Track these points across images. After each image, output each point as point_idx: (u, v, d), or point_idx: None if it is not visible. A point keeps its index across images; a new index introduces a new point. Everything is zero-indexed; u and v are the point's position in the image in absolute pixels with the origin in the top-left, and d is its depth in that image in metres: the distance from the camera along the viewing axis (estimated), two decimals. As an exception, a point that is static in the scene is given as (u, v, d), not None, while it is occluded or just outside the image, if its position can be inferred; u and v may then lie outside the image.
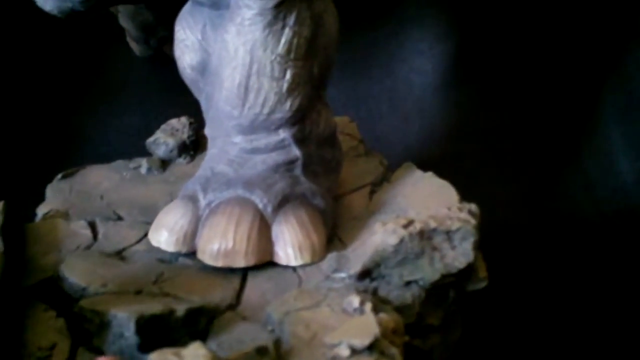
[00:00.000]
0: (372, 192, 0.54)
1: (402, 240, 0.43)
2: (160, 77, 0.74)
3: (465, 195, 0.50)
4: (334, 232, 0.49)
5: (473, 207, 0.47)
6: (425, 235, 0.44)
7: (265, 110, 0.47)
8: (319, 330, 0.40)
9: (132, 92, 0.76)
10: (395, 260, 0.44)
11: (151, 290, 0.44)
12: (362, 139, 0.60)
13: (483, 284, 0.47)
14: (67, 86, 0.75)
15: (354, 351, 0.38)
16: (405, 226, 0.44)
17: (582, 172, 0.69)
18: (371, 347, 0.38)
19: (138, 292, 0.44)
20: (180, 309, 0.41)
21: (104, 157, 0.57)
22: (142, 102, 0.75)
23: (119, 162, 0.57)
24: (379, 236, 0.44)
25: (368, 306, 0.41)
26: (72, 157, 0.64)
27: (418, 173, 0.54)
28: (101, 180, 0.55)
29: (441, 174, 0.52)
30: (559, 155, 0.71)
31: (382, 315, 0.41)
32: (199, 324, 0.42)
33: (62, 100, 0.74)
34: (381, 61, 0.76)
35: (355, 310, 0.41)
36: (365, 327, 0.39)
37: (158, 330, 0.41)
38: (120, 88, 0.76)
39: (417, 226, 0.44)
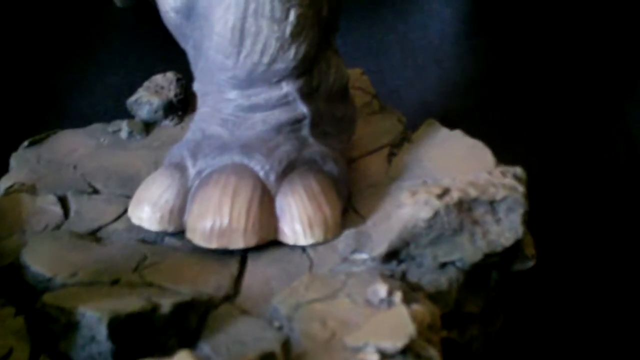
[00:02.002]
0: (391, 155, 0.47)
1: (436, 214, 0.36)
2: (145, 30, 0.71)
3: (495, 157, 0.44)
4: (348, 203, 0.43)
5: (518, 170, 0.39)
6: (464, 206, 0.37)
7: (265, 59, 0.41)
8: (337, 328, 0.33)
9: (114, 48, 0.71)
10: (429, 238, 0.37)
11: (131, 280, 0.38)
12: (376, 94, 0.54)
13: (531, 264, 0.40)
14: (40, 42, 0.70)
15: (384, 356, 0.31)
16: (440, 196, 0.36)
17: (624, 130, 0.63)
18: (405, 350, 0.31)
19: (115, 282, 0.37)
20: (166, 304, 0.34)
21: (81, 121, 0.52)
22: (125, 58, 0.70)
23: (96, 126, 0.51)
24: (408, 209, 0.36)
25: (398, 296, 0.34)
26: (44, 122, 0.58)
27: (444, 131, 0.48)
28: (74, 147, 0.49)
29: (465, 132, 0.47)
30: (598, 110, 0.65)
31: (416, 306, 0.34)
32: (189, 321, 0.35)
33: (35, 58, 0.69)
34: (393, 6, 0.73)
35: (381, 301, 0.34)
36: (396, 323, 0.32)
37: (138, 332, 0.33)
38: (101, 43, 0.71)
39: (455, 195, 0.37)
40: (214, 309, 0.36)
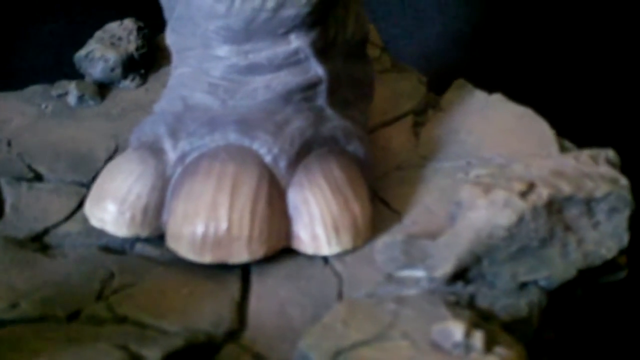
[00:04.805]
0: (416, 125, 0.40)
1: (521, 219, 0.27)
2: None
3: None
4: (371, 190, 0.35)
5: (611, 154, 0.31)
6: (554, 207, 0.27)
7: (269, 3, 0.33)
8: (399, 389, 0.24)
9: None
10: (508, 252, 0.28)
11: (95, 312, 0.29)
12: (386, 47, 0.46)
13: (622, 275, 0.32)
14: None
15: None
16: (524, 193, 0.27)
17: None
18: None
19: (73, 317, 0.28)
20: (152, 356, 0.24)
21: (14, 82, 0.47)
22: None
23: (35, 89, 0.44)
24: (483, 212, 0.27)
25: (478, 338, 0.25)
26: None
27: (479, 95, 0.41)
28: (8, 116, 0.42)
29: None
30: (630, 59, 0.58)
31: (501, 351, 0.25)
32: (183, 377, 0.25)
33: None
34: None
35: (456, 345, 0.25)
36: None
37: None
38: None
39: (543, 193, 0.28)
40: (215, 354, 0.27)
